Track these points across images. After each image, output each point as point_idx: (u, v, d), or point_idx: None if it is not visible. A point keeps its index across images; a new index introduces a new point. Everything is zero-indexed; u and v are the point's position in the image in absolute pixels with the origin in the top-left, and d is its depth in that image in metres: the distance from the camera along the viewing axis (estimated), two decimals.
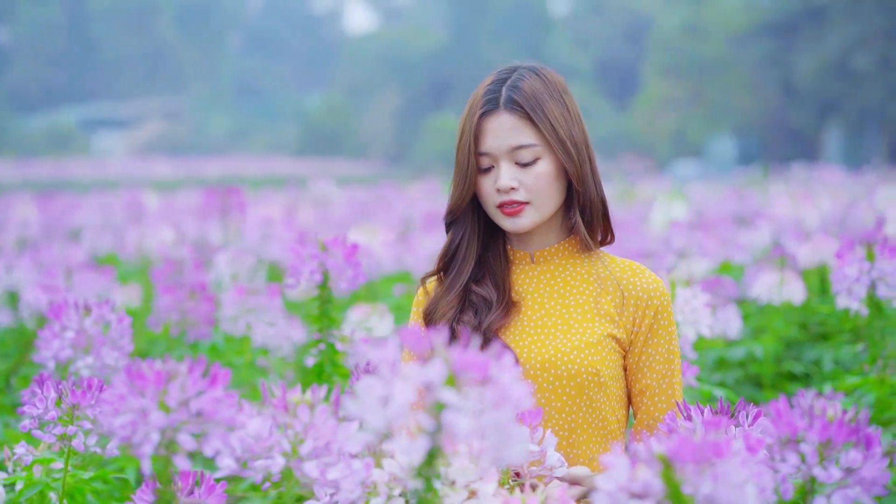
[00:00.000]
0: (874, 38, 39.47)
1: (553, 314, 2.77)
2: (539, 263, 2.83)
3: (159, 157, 47.28)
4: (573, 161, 2.72)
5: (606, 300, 2.76)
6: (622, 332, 2.74)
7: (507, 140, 2.71)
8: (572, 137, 2.72)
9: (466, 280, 2.80)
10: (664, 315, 2.77)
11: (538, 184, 2.71)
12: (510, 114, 2.71)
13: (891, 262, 3.89)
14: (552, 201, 2.75)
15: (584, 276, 2.80)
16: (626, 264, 2.82)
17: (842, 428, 1.97)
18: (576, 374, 2.68)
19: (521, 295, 2.81)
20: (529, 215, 2.74)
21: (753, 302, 6.39)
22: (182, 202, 14.80)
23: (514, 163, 2.72)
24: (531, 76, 2.75)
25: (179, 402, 1.92)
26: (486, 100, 2.74)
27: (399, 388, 1.72)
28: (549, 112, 2.71)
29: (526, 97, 2.71)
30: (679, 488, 1.78)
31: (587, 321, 2.74)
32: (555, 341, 2.72)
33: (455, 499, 2.05)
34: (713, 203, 14.17)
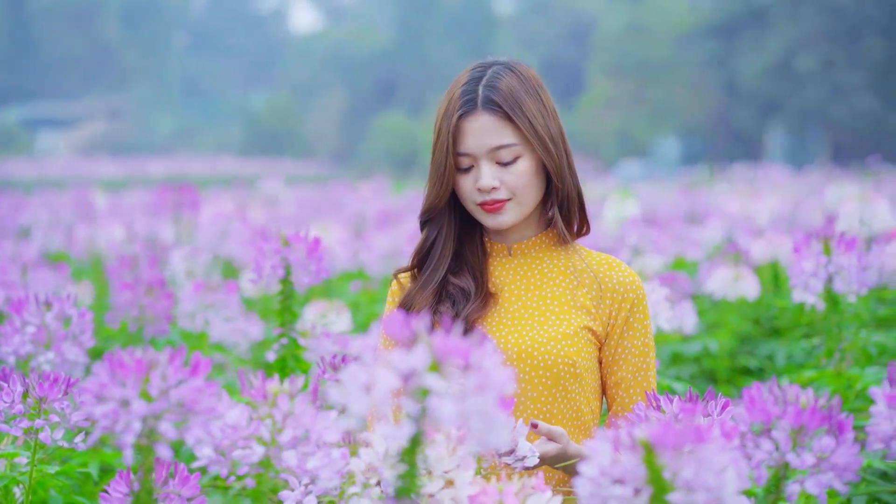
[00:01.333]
0: (816, 40, 39.88)
1: (530, 305, 2.79)
2: (516, 256, 2.84)
3: (103, 157, 46.92)
4: (552, 157, 2.73)
5: (583, 293, 2.78)
6: (598, 325, 2.76)
7: (487, 140, 2.71)
8: (550, 133, 2.74)
9: (443, 276, 2.81)
10: (639, 309, 2.79)
11: (519, 182, 2.73)
12: (489, 114, 2.71)
13: (847, 257, 3.94)
14: (533, 197, 2.77)
15: (561, 269, 2.82)
16: (602, 258, 2.84)
17: (815, 414, 1.99)
18: (552, 364, 2.70)
19: (498, 287, 2.82)
20: (511, 211, 2.76)
21: (707, 297, 6.45)
22: (130, 201, 14.70)
23: (494, 162, 2.73)
24: (507, 74, 2.75)
25: (161, 391, 1.92)
26: (464, 100, 2.73)
27: (383, 374, 1.73)
28: (528, 110, 2.72)
29: (504, 96, 2.71)
30: (660, 473, 1.81)
31: (564, 313, 2.76)
32: (532, 332, 2.74)
33: (432, 487, 2.06)
34: (664, 201, 14.27)
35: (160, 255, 6.64)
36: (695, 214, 11.42)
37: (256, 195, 14.44)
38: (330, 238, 7.72)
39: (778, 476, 2.01)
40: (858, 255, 3.95)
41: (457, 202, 2.83)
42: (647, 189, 18.13)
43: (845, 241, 3.97)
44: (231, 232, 7.46)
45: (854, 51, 39.58)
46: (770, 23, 41.94)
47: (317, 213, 12.80)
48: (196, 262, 5.99)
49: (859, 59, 39.43)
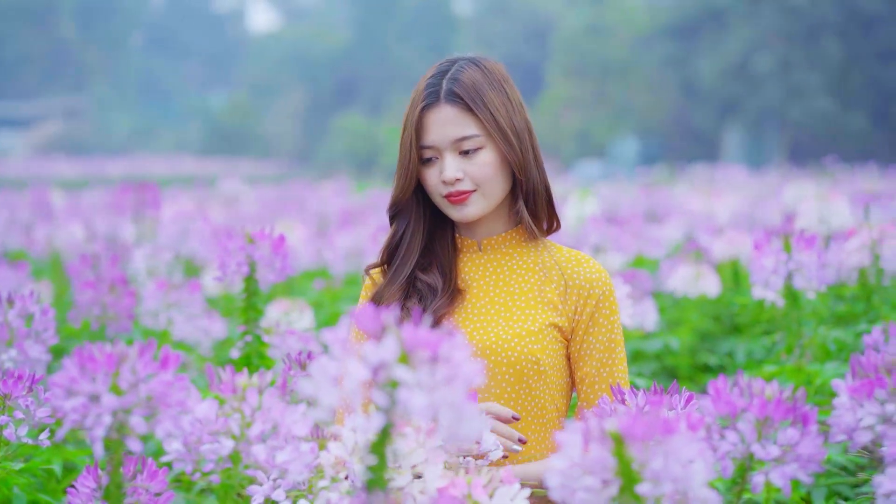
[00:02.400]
0: (773, 41, 40.15)
1: (497, 302, 2.80)
2: (486, 252, 2.86)
3: (60, 157, 46.57)
4: (514, 150, 2.75)
5: (550, 288, 2.79)
6: (564, 321, 2.77)
7: (450, 132, 2.74)
8: (513, 126, 2.76)
9: (411, 270, 2.82)
10: (605, 304, 2.80)
11: (483, 172, 2.74)
12: (451, 106, 2.74)
13: (807, 254, 3.98)
14: (498, 189, 2.78)
15: (530, 265, 2.83)
16: (571, 254, 2.85)
17: (779, 406, 2.02)
18: (515, 361, 2.71)
19: (467, 283, 2.84)
20: (476, 203, 2.77)
21: (668, 295, 6.50)
22: (89, 200, 14.61)
23: (457, 154, 2.75)
24: (471, 67, 2.78)
25: (130, 385, 1.92)
26: (428, 93, 2.76)
27: (353, 366, 1.74)
28: (490, 102, 2.74)
29: (465, 88, 2.74)
30: (630, 465, 1.83)
31: (530, 308, 2.77)
32: (496, 328, 2.75)
33: (401, 481, 2.07)
34: (624, 200, 14.34)
35: (121, 253, 6.62)
36: (655, 213, 11.48)
37: (217, 195, 14.39)
38: (293, 237, 7.72)
39: (743, 467, 2.03)
40: (818, 252, 3.99)
41: (426, 198, 2.85)
42: (606, 189, 18.20)
43: (805, 239, 4.01)
44: (192, 231, 7.45)
45: (811, 51, 39.88)
46: (728, 24, 42.20)
47: (278, 213, 12.79)
48: (158, 260, 5.98)
49: (816, 60, 39.73)
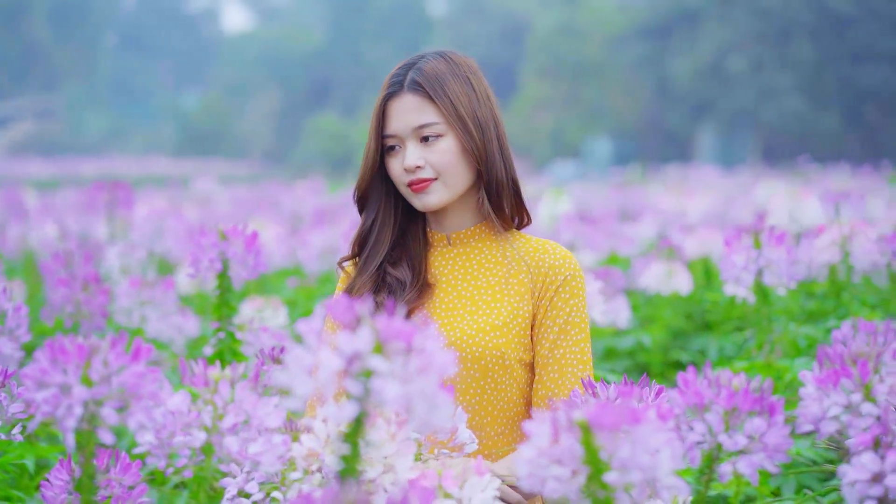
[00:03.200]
0: (746, 42, 40.33)
1: (464, 296, 2.82)
2: (455, 245, 2.88)
3: (33, 157, 46.37)
4: (475, 139, 2.78)
5: (518, 280, 2.80)
6: (530, 309, 2.78)
7: (411, 120, 2.78)
8: (475, 116, 2.78)
9: (381, 261, 2.85)
10: (566, 288, 2.79)
11: (443, 160, 2.77)
12: (413, 94, 2.78)
13: (777, 250, 4.01)
14: (460, 178, 2.80)
15: (498, 258, 2.84)
16: (539, 243, 2.87)
17: (747, 397, 2.04)
18: (480, 356, 2.73)
19: (436, 277, 2.86)
20: (437, 191, 2.80)
21: (641, 293, 6.53)
22: (62, 200, 14.57)
23: (419, 142, 2.79)
24: (437, 59, 2.83)
25: (102, 377, 1.93)
26: (392, 83, 2.82)
27: (327, 356, 1.75)
28: (450, 91, 2.77)
29: (427, 77, 2.78)
30: (597, 454, 1.85)
31: (496, 302, 2.79)
32: (461, 323, 2.77)
33: (372, 473, 2.09)
34: (597, 199, 14.39)
35: (94, 252, 6.60)
36: (628, 212, 11.53)
37: (190, 194, 14.37)
38: (266, 235, 7.72)
39: (711, 457, 2.06)
40: (788, 249, 4.03)
41: (398, 192, 2.88)
42: (580, 188, 18.26)
43: (775, 236, 4.05)
44: (166, 229, 7.45)
45: (783, 52, 40.07)
46: (701, 25, 42.37)
47: (252, 212, 12.79)
48: (131, 258, 5.97)
49: (788, 61, 39.92)
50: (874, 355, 2.09)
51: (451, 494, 2.06)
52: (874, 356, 2.09)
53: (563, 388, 2.72)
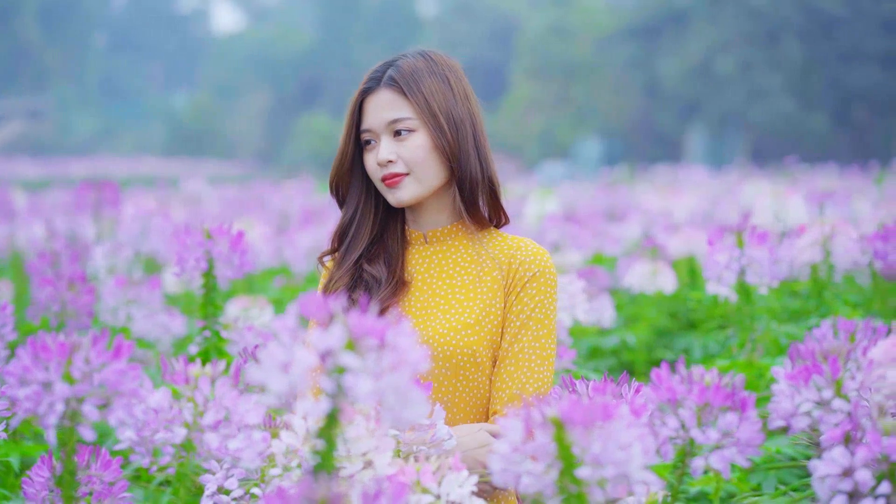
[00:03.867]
0: (735, 42, 40.40)
1: (437, 294, 2.84)
2: (432, 244, 2.90)
3: (23, 158, 46.27)
4: (446, 136, 2.80)
5: (491, 277, 2.82)
6: (502, 306, 2.81)
7: (384, 115, 2.81)
8: (448, 113, 2.81)
9: (359, 256, 2.88)
10: (534, 283, 2.80)
11: (415, 155, 2.80)
12: (388, 90, 2.82)
13: (759, 249, 4.04)
14: (432, 174, 2.82)
15: (474, 257, 2.86)
16: (513, 240, 2.88)
17: (718, 392, 2.07)
18: (451, 354, 2.75)
19: (412, 275, 2.88)
20: (409, 186, 2.82)
21: (626, 292, 6.56)
22: (51, 200, 14.57)
23: (392, 136, 2.82)
24: (416, 57, 2.86)
25: (84, 374, 1.96)
26: (369, 79, 2.87)
27: (301, 353, 1.78)
28: (425, 87, 2.80)
29: (403, 74, 2.82)
30: (570, 449, 1.87)
31: (468, 300, 2.81)
32: (433, 322, 2.79)
33: (351, 469, 2.11)
34: (584, 199, 14.42)
35: (81, 251, 6.62)
36: (615, 212, 11.56)
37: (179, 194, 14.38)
38: (253, 234, 7.74)
39: (684, 452, 2.08)
40: (770, 247, 4.06)
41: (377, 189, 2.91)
42: (568, 189, 18.29)
43: (757, 235, 4.08)
44: (153, 228, 7.47)
45: (772, 53, 40.14)
46: (690, 25, 42.44)
47: (240, 212, 12.80)
48: (118, 258, 5.99)
49: (777, 62, 40.00)
50: (845, 352, 2.13)
51: (429, 490, 2.08)
52: (845, 353, 2.12)
53: (517, 383, 2.73)
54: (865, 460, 1.93)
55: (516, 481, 1.91)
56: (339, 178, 2.91)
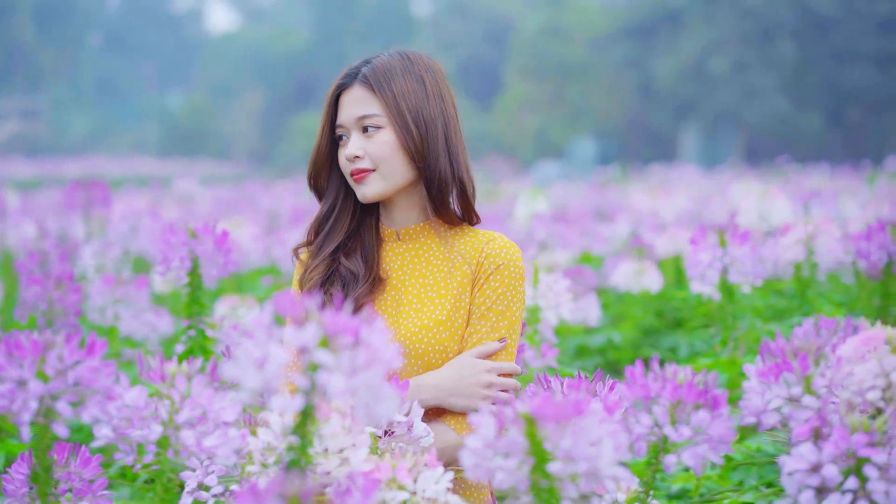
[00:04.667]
0: (729, 42, 40.45)
1: (410, 292, 2.86)
2: (405, 241, 2.92)
3: (17, 157, 46.24)
4: (412, 134, 2.82)
5: (461, 272, 2.84)
6: (468, 299, 2.83)
7: (355, 111, 2.85)
8: (418, 112, 2.83)
9: (335, 249, 2.90)
10: (497, 276, 2.82)
11: (379, 151, 2.82)
12: (360, 87, 2.86)
13: (741, 248, 4.07)
14: (397, 171, 2.84)
15: (445, 255, 2.89)
16: (483, 235, 2.90)
17: (691, 390, 2.09)
18: (423, 353, 2.78)
19: (387, 272, 2.90)
20: (375, 182, 2.84)
21: (613, 291, 6.58)
22: (43, 200, 14.58)
23: (361, 132, 2.85)
24: (393, 56, 2.90)
25: (57, 371, 1.97)
26: (345, 75, 2.91)
27: (275, 350, 1.80)
28: (396, 85, 2.83)
29: (376, 71, 2.85)
30: (541, 445, 1.89)
31: (439, 297, 2.83)
32: (406, 321, 2.81)
33: (328, 465, 2.13)
34: (575, 199, 14.45)
35: (71, 251, 6.63)
36: (605, 211, 11.58)
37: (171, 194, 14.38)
38: (242, 234, 7.77)
39: (657, 449, 2.10)
40: (752, 247, 4.09)
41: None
42: (561, 188, 18.32)
43: (739, 234, 4.11)
44: (142, 228, 7.49)
45: (766, 53, 40.20)
46: (684, 25, 42.48)
47: (231, 211, 12.81)
48: (106, 257, 6.01)
49: (771, 62, 40.05)
50: (815, 349, 2.14)
51: (405, 486, 2.10)
52: (815, 350, 2.14)
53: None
54: (833, 456, 1.95)
55: (488, 476, 1.93)
56: (315, 172, 2.95)
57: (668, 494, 3.74)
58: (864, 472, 1.93)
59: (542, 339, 4.18)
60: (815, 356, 2.14)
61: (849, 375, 2.09)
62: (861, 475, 1.94)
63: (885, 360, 2.08)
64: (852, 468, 1.95)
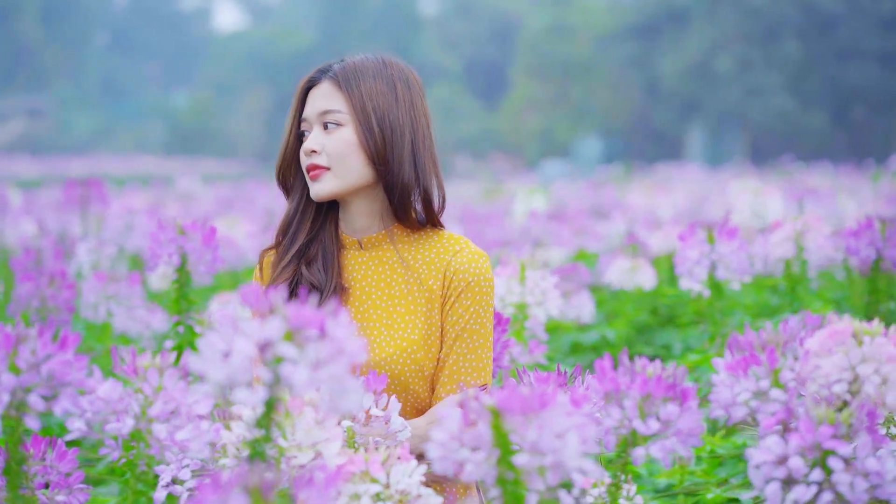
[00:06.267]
0: (733, 41, 40.42)
1: (378, 307, 2.83)
2: (368, 250, 2.88)
3: (22, 156, 46.30)
4: (374, 137, 2.79)
5: (428, 285, 2.82)
6: (439, 312, 2.81)
7: (318, 105, 2.83)
8: (384, 116, 2.80)
9: (297, 252, 2.87)
10: (468, 294, 2.80)
11: (337, 149, 2.79)
12: (328, 82, 2.84)
13: (729, 245, 4.08)
14: (353, 172, 2.80)
15: (410, 263, 2.85)
16: (452, 240, 2.87)
17: (660, 383, 2.10)
18: (399, 373, 2.76)
19: (350, 282, 2.87)
20: (328, 181, 2.81)
21: (607, 288, 6.59)
22: (45, 198, 14.61)
23: (322, 127, 2.83)
24: (367, 58, 2.88)
25: (30, 365, 1.99)
26: (316, 71, 2.89)
27: (239, 342, 1.81)
28: (364, 86, 2.81)
29: (346, 69, 2.83)
30: (507, 437, 1.91)
31: (410, 314, 2.80)
32: (380, 340, 2.79)
33: (302, 458, 2.14)
34: (576, 197, 14.46)
35: (67, 248, 6.65)
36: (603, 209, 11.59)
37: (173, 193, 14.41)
38: (238, 231, 7.78)
39: (626, 442, 2.12)
40: (740, 243, 4.10)
41: None
42: (563, 187, 18.34)
43: (727, 230, 4.12)
44: (138, 225, 7.51)
45: (771, 52, 40.17)
46: (688, 24, 42.47)
47: (230, 209, 12.82)
48: (102, 254, 6.03)
49: (775, 60, 40.02)
50: (782, 343, 2.16)
51: (377, 479, 2.11)
52: (782, 344, 2.16)
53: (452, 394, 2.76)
54: (799, 448, 1.96)
55: (455, 469, 1.94)
56: (283, 167, 2.93)
57: (656, 489, 3.75)
58: (828, 464, 1.94)
59: (530, 335, 4.19)
60: (784, 350, 2.15)
61: (816, 369, 2.10)
62: (826, 467, 1.95)
63: (851, 354, 2.09)
64: (817, 460, 1.96)
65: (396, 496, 2.11)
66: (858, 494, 1.93)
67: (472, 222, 8.72)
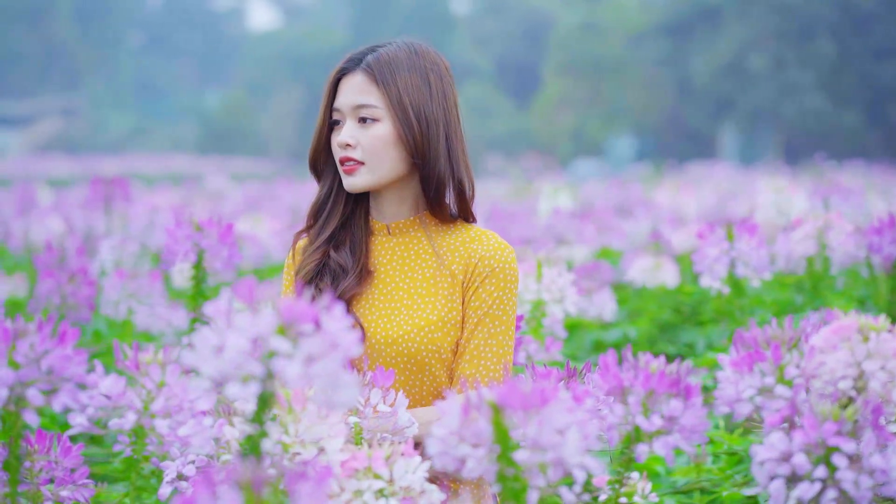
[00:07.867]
0: (766, 39, 40.22)
1: (401, 288, 2.84)
2: (395, 235, 2.90)
3: (56, 155, 46.57)
4: (413, 131, 2.79)
5: (451, 271, 2.82)
6: (460, 298, 2.81)
7: (353, 98, 2.82)
8: (420, 109, 2.80)
9: (330, 236, 2.88)
10: (493, 278, 2.80)
11: (373, 145, 2.79)
12: (363, 74, 2.82)
13: (748, 243, 4.05)
14: (388, 166, 2.81)
15: (437, 250, 2.86)
16: (476, 233, 2.87)
17: (663, 380, 2.08)
18: (416, 352, 2.76)
19: (376, 266, 2.88)
20: (363, 176, 2.82)
21: (630, 286, 6.56)
22: (75, 197, 14.69)
23: (357, 121, 2.82)
24: (401, 48, 2.85)
25: (29, 359, 1.98)
26: (348, 59, 2.87)
27: (232, 337, 1.80)
28: (401, 79, 2.80)
29: (380, 61, 2.81)
30: (506, 433, 1.89)
31: (431, 296, 2.81)
32: (399, 318, 2.80)
33: (306, 454, 2.13)
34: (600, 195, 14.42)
35: (91, 245, 6.68)
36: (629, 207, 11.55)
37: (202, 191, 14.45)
38: (262, 229, 7.79)
39: (630, 439, 2.10)
40: (759, 240, 4.07)
41: None
42: (591, 185, 18.29)
43: (746, 228, 4.09)
44: (161, 223, 7.51)
45: (804, 50, 39.95)
46: (722, 22, 42.28)
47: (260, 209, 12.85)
48: (125, 251, 6.03)
49: (809, 59, 39.80)
50: (787, 339, 2.13)
51: (381, 475, 2.10)
52: (787, 340, 2.13)
53: (471, 379, 2.74)
54: (803, 445, 1.94)
55: (454, 465, 1.93)
56: (316, 155, 2.92)
57: (675, 488, 3.73)
58: (833, 461, 1.92)
59: (547, 333, 4.17)
60: (789, 346, 2.13)
61: (820, 365, 2.08)
62: (830, 464, 1.93)
63: (856, 350, 2.06)
64: (822, 457, 1.93)
65: (400, 492, 2.10)
66: (863, 492, 1.91)
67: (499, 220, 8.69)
